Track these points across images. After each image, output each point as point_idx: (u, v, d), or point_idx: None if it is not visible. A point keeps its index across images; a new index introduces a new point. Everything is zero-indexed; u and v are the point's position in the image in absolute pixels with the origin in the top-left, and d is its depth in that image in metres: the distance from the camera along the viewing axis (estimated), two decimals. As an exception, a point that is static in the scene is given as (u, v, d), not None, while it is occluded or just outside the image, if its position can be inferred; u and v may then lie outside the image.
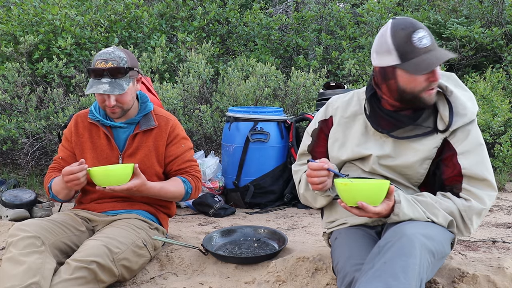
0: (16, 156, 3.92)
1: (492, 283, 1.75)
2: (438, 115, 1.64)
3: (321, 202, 1.79)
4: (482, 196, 1.59)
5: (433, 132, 1.63)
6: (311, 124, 1.89)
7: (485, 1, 5.23)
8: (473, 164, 1.60)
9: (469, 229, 1.62)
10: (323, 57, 5.32)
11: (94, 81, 2.02)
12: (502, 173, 3.77)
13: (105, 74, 2.01)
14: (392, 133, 1.67)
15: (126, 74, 2.04)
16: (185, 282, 2.02)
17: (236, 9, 5.77)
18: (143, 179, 1.99)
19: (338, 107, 1.80)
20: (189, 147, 2.25)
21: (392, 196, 1.53)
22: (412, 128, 1.65)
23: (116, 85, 2.01)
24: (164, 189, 2.11)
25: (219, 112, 4.10)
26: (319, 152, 1.83)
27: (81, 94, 4.01)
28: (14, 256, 1.74)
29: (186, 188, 2.16)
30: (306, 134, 1.90)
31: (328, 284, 1.88)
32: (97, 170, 1.90)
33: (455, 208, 1.59)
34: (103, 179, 1.90)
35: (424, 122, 1.64)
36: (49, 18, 4.32)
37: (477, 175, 1.60)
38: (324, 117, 1.84)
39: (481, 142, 1.64)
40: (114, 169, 1.94)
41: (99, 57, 2.03)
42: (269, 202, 3.35)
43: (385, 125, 1.67)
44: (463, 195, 1.61)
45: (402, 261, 1.37)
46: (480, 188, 1.60)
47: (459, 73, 4.94)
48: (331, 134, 1.80)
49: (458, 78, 1.72)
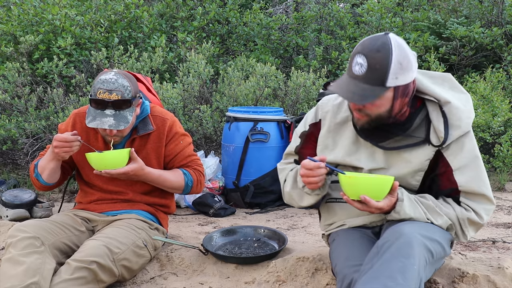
0: (16, 156, 3.91)
1: (492, 283, 1.75)
2: (431, 126, 1.59)
3: (309, 201, 1.73)
4: (479, 211, 1.59)
5: (424, 143, 1.59)
6: (300, 125, 1.84)
7: (485, 1, 5.22)
8: (470, 180, 1.58)
9: (466, 236, 1.63)
10: (323, 57, 5.32)
11: (96, 112, 1.93)
12: (502, 173, 3.76)
13: (110, 106, 1.92)
14: (381, 143, 1.63)
15: (131, 105, 1.97)
16: (185, 282, 2.02)
17: (236, 9, 5.77)
18: (141, 163, 1.99)
19: (328, 111, 1.75)
20: (188, 142, 2.23)
21: (395, 192, 1.52)
22: (402, 138, 1.61)
23: (121, 118, 1.94)
24: (163, 176, 2.10)
25: (219, 112, 4.09)
26: (306, 154, 1.76)
27: (81, 94, 4.01)
28: (13, 257, 1.74)
29: (187, 180, 2.15)
30: (295, 135, 1.85)
31: (328, 284, 1.88)
32: (93, 153, 1.92)
33: (454, 215, 1.59)
34: (99, 162, 1.91)
35: (415, 132, 1.60)
36: (49, 18, 4.32)
37: (474, 190, 1.59)
38: (314, 120, 1.79)
39: (477, 155, 1.60)
40: (109, 152, 1.95)
41: (102, 86, 1.92)
42: (269, 202, 3.34)
43: (374, 136, 1.64)
44: (463, 205, 1.61)
45: (400, 262, 1.36)
46: (477, 202, 1.60)
47: (459, 73, 4.94)
48: (320, 139, 1.76)
49: (454, 78, 1.67)
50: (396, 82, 1.46)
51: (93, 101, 1.94)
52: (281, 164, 1.89)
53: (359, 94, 1.46)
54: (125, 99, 1.94)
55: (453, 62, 4.92)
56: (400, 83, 1.47)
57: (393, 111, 1.54)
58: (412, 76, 1.51)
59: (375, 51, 1.45)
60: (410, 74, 1.49)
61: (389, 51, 1.44)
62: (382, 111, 1.52)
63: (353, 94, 1.47)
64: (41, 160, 2.06)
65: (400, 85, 1.48)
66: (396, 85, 1.47)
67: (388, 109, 1.52)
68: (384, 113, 1.53)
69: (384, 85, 1.45)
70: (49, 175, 2.03)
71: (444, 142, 1.56)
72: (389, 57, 1.44)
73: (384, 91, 1.46)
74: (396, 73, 1.45)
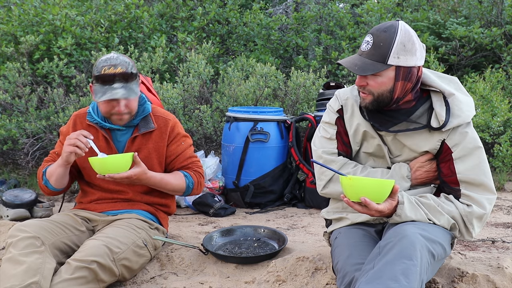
0: (17, 156, 3.92)
1: (492, 282, 1.75)
2: (433, 113, 1.64)
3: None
4: (482, 201, 1.60)
5: (425, 127, 1.64)
6: (324, 116, 1.86)
7: (484, 1, 5.23)
8: (469, 169, 1.61)
9: (471, 233, 1.63)
10: (323, 57, 5.32)
11: (105, 88, 1.95)
12: (502, 173, 3.77)
13: (117, 80, 1.95)
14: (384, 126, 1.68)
15: (135, 78, 2.01)
16: (185, 282, 2.02)
17: (236, 9, 5.77)
18: (144, 167, 2.00)
19: (348, 98, 1.81)
20: (189, 143, 2.25)
21: (396, 195, 1.53)
22: (404, 124, 1.67)
23: (129, 90, 1.97)
24: (165, 180, 2.11)
25: (219, 112, 4.10)
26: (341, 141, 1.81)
27: (81, 94, 4.02)
28: (14, 256, 1.74)
29: (188, 182, 2.16)
30: (324, 126, 1.85)
31: (328, 283, 1.88)
32: (96, 157, 1.92)
33: (457, 212, 1.60)
34: (103, 167, 1.91)
35: (418, 119, 1.66)
36: (49, 18, 4.32)
37: (473, 180, 1.61)
38: (338, 107, 1.82)
39: (479, 145, 1.64)
40: (113, 157, 1.95)
41: (105, 63, 1.96)
42: (269, 202, 3.35)
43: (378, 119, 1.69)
44: (463, 200, 1.62)
45: (403, 264, 1.37)
46: (478, 193, 1.61)
47: (459, 73, 4.95)
48: (347, 123, 1.80)
49: (460, 83, 1.72)
50: (397, 62, 1.55)
51: (100, 78, 1.96)
52: (324, 153, 1.81)
53: (360, 66, 1.57)
54: (131, 72, 1.98)
55: (452, 62, 4.92)
56: (401, 63, 1.56)
57: (395, 93, 1.60)
58: (416, 61, 1.58)
59: (382, 31, 1.57)
60: (413, 58, 1.57)
61: (395, 32, 1.55)
62: (383, 90, 1.60)
63: (355, 66, 1.58)
64: (50, 167, 2.08)
65: (401, 65, 1.56)
66: (398, 65, 1.56)
67: (389, 89, 1.59)
68: (385, 92, 1.60)
69: (385, 62, 1.56)
70: (57, 180, 2.05)
71: (443, 126, 1.61)
72: (393, 37, 1.55)
73: (385, 68, 1.56)
74: (398, 52, 1.55)
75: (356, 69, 1.57)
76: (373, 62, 1.56)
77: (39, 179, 2.13)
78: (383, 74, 1.57)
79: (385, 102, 1.62)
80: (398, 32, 1.55)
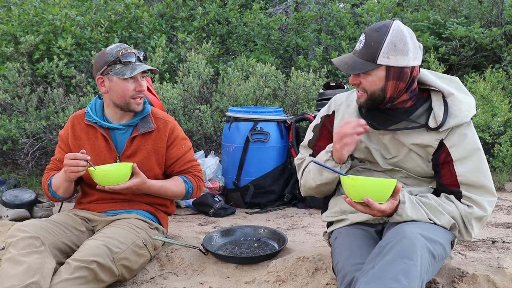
0: (17, 156, 3.92)
1: (492, 283, 1.75)
2: (432, 113, 1.64)
3: (327, 176, 1.74)
4: (483, 203, 1.60)
5: (422, 127, 1.64)
6: (314, 121, 1.92)
7: (484, 1, 5.22)
8: (470, 171, 1.60)
9: (470, 234, 1.63)
10: (323, 57, 5.32)
11: (130, 66, 2.03)
12: (502, 173, 3.77)
13: (137, 57, 2.06)
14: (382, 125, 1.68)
15: (146, 60, 2.13)
16: (185, 282, 2.02)
17: (236, 9, 5.77)
18: (143, 177, 2.01)
19: (342, 103, 1.82)
20: (189, 147, 2.26)
21: (397, 195, 1.53)
22: (403, 124, 1.67)
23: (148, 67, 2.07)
24: (165, 187, 2.12)
25: (219, 112, 4.10)
26: (320, 146, 1.83)
27: (81, 94, 4.02)
28: (13, 256, 1.74)
29: (187, 187, 2.18)
30: (309, 130, 1.92)
31: (328, 284, 1.88)
32: (96, 170, 1.93)
33: (457, 212, 1.60)
34: (103, 179, 1.94)
35: (417, 119, 1.66)
36: (49, 18, 4.32)
37: (474, 182, 1.60)
38: (327, 113, 1.85)
39: (478, 147, 1.63)
40: (113, 169, 1.98)
41: (118, 48, 2.04)
42: (269, 202, 3.35)
43: (376, 118, 1.70)
44: (464, 201, 1.62)
45: (404, 264, 1.37)
46: (479, 195, 1.61)
47: (459, 73, 4.94)
48: (335, 128, 1.80)
49: (461, 82, 1.72)
50: (387, 62, 1.55)
51: (121, 58, 2.02)
52: (297, 160, 1.93)
53: (350, 65, 1.59)
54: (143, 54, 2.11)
55: (452, 62, 4.92)
56: (391, 63, 1.56)
57: (387, 92, 1.61)
58: (408, 62, 1.57)
59: (374, 30, 1.58)
60: (405, 59, 1.56)
61: (386, 32, 1.55)
62: (375, 88, 1.60)
63: (345, 64, 1.60)
64: (54, 180, 2.11)
65: (391, 65, 1.56)
66: (388, 65, 1.56)
67: (380, 88, 1.60)
68: (377, 91, 1.61)
69: (375, 62, 1.56)
70: (65, 192, 2.11)
71: (440, 126, 1.60)
72: (384, 36, 1.55)
73: (374, 67, 1.56)
74: (388, 52, 1.55)
75: (346, 67, 1.59)
76: (363, 61, 1.57)
77: (45, 189, 2.16)
78: (373, 73, 1.58)
79: (378, 100, 1.63)
80: (389, 32, 1.55)
